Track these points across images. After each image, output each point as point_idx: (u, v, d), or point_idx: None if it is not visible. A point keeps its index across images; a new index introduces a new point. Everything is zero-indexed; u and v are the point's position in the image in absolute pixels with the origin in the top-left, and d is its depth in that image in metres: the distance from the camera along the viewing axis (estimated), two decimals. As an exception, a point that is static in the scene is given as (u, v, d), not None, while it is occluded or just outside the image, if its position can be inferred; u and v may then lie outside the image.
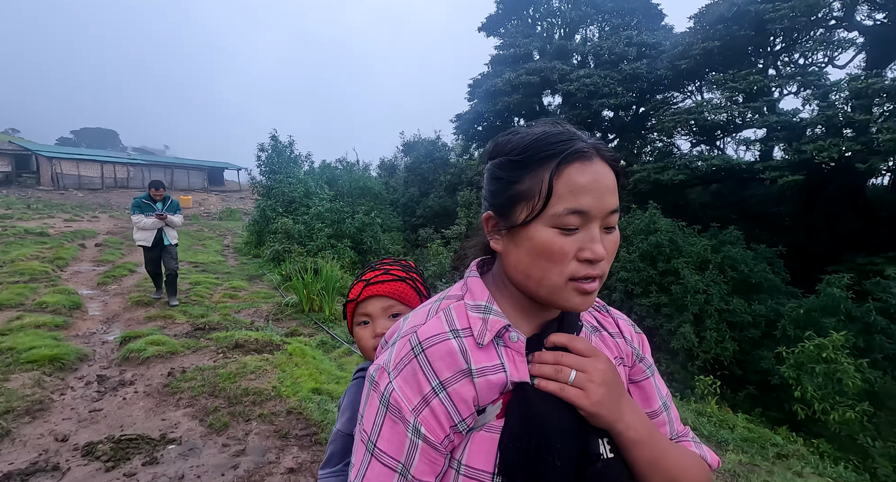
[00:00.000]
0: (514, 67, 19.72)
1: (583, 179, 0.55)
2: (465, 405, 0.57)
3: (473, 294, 0.65)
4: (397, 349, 0.60)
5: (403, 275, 1.01)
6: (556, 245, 0.56)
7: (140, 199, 6.14)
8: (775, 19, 11.16)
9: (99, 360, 4.46)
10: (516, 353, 0.61)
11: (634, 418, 0.61)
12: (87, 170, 34.81)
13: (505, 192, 0.60)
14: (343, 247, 12.23)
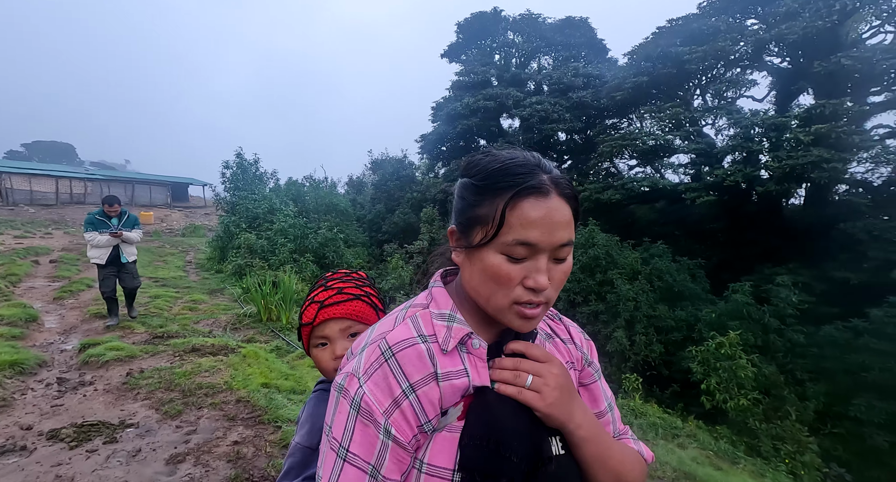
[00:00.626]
0: (473, 93, 20.89)
1: (534, 214, 0.58)
2: (431, 407, 0.60)
3: (438, 303, 0.68)
4: (366, 356, 0.62)
5: (358, 293, 1.00)
6: (504, 271, 0.59)
7: (93, 216, 5.82)
8: (692, 60, 12.64)
9: (58, 365, 4.71)
10: (478, 359, 0.65)
11: (584, 418, 0.65)
12: (41, 185, 33.37)
13: (466, 212, 0.64)
14: (305, 261, 12.58)
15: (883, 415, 7.34)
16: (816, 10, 11.58)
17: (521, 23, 23.06)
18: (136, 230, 6.13)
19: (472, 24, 23.60)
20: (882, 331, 7.81)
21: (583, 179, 16.56)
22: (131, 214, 6.15)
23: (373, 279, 1.09)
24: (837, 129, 9.61)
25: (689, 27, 13.64)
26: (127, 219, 5.99)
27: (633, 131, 13.98)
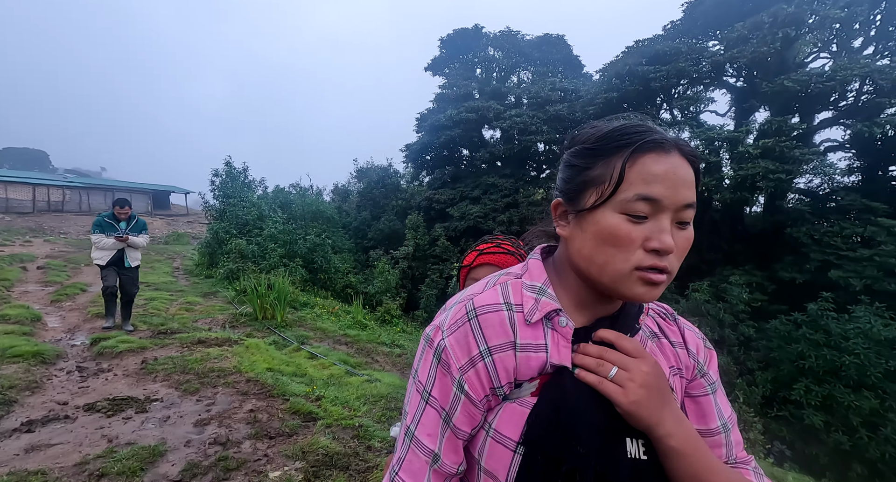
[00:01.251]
0: (456, 105, 21.68)
1: (657, 168, 0.54)
2: (505, 374, 0.59)
3: (532, 274, 0.66)
4: (453, 312, 0.63)
5: (512, 250, 1.09)
6: (623, 231, 0.55)
7: (102, 218, 5.78)
8: (657, 78, 13.64)
9: (74, 357, 5.09)
10: (562, 338, 0.62)
11: (678, 427, 0.59)
12: (16, 192, 32.74)
13: (576, 178, 0.61)
14: (295, 266, 12.97)
15: (818, 397, 8.17)
16: (762, 37, 12.71)
17: (501, 39, 24.08)
18: (143, 235, 6.07)
19: (454, 40, 24.53)
20: (816, 323, 8.70)
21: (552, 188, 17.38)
22: (140, 219, 6.08)
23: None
24: (781, 143, 10.62)
25: (653, 48, 14.71)
26: (136, 223, 5.94)
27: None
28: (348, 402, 4.01)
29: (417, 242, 20.66)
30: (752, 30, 12.68)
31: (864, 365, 7.85)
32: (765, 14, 13.00)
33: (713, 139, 11.83)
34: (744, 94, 15.28)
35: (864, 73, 11.08)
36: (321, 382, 4.55)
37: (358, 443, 3.18)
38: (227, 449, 2.95)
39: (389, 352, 7.51)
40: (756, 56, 12.12)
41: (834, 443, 8.02)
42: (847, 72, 11.22)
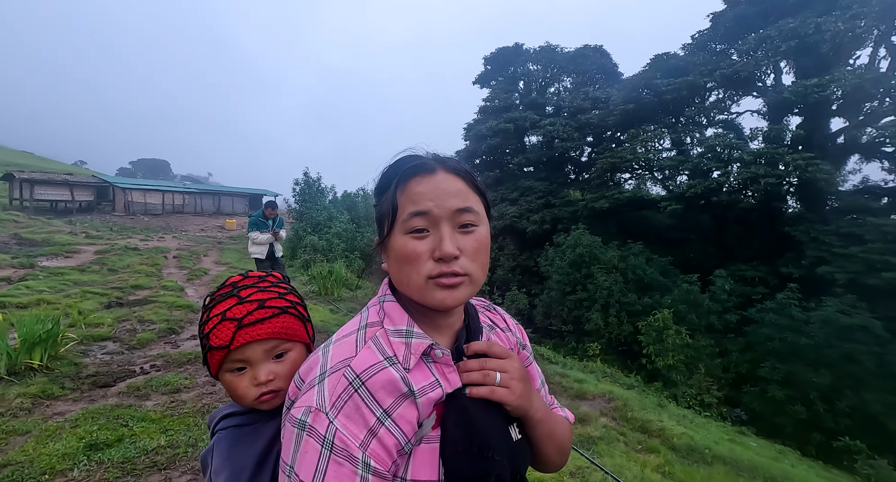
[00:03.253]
0: (497, 116, 23.31)
1: (421, 188, 0.59)
2: (409, 426, 0.56)
3: (392, 319, 0.63)
4: (329, 386, 0.56)
5: (285, 305, 0.78)
6: (410, 247, 0.58)
7: (256, 217, 6.45)
8: (668, 91, 14.40)
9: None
10: (445, 367, 0.62)
11: (539, 401, 0.67)
12: (152, 198, 39.67)
13: (375, 216, 0.66)
14: (354, 257, 15.64)
15: (781, 374, 9.02)
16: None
17: (540, 54, 25.25)
18: (284, 230, 6.81)
19: (497, 57, 26.15)
20: (782, 310, 9.44)
21: (584, 190, 18.47)
22: (280, 217, 6.76)
23: (288, 278, 0.87)
24: (773, 150, 11.15)
25: (668, 62, 15.32)
26: (279, 221, 6.64)
27: (620, 150, 15.85)
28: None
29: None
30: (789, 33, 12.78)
31: (821, 347, 8.60)
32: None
33: (714, 146, 12.46)
34: (775, 98, 15.46)
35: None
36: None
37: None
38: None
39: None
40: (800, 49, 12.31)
41: (794, 414, 8.89)
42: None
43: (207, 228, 35.49)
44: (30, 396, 3.32)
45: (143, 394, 3.63)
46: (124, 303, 7.26)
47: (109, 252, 14.99)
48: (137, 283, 9.52)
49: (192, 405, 3.49)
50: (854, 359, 8.40)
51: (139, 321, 6.12)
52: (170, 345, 5.24)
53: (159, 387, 3.78)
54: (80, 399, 3.44)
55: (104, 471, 2.46)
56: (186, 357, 4.79)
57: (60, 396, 3.45)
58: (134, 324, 5.96)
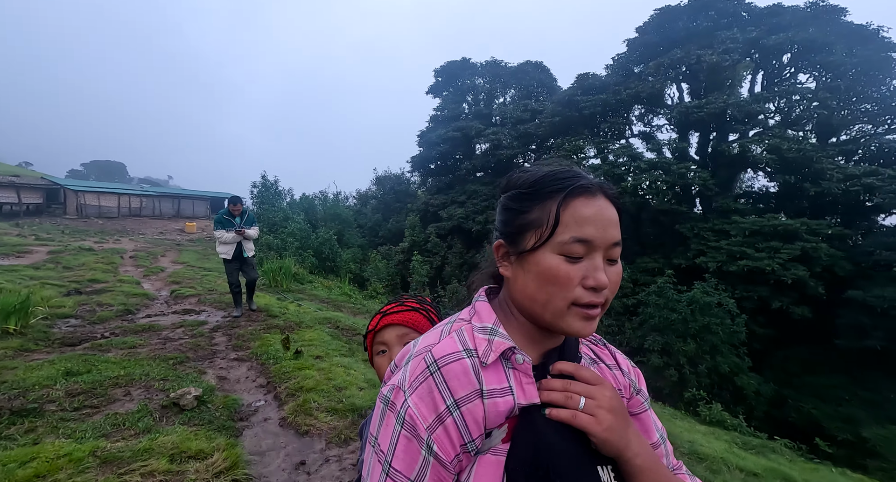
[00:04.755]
0: (446, 125, 24.75)
1: (587, 211, 0.57)
2: (476, 425, 0.56)
3: (481, 316, 0.64)
4: (411, 368, 0.58)
5: (417, 306, 1.02)
6: (563, 271, 0.56)
7: (221, 215, 6.03)
8: (587, 107, 16.24)
9: (163, 298, 8.58)
10: (523, 375, 0.60)
11: (641, 446, 0.60)
12: (107, 201, 38.26)
13: (515, 220, 0.61)
14: (307, 255, 16.46)
15: (659, 345, 10.77)
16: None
17: (486, 68, 26.93)
18: (255, 227, 6.28)
19: (446, 69, 27.61)
20: (661, 292, 11.25)
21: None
22: (250, 213, 6.26)
23: (437, 306, 1.09)
24: (663, 159, 13.12)
25: (588, 82, 17.22)
26: (247, 218, 6.13)
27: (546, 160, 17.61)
28: (302, 315, 7.25)
29: (414, 239, 23.90)
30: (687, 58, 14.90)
31: (687, 321, 10.40)
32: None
33: (621, 155, 14.31)
34: (680, 115, 17.67)
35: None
36: (293, 309, 7.82)
37: (296, 318, 6.39)
38: (234, 322, 6.21)
39: (352, 305, 10.77)
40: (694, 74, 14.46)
41: (669, 377, 10.64)
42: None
43: (166, 232, 34.69)
44: (11, 349, 4.18)
45: (104, 349, 4.54)
46: (83, 292, 7.90)
47: (63, 252, 15.02)
48: (94, 278, 10.00)
49: (146, 354, 4.44)
50: (711, 330, 10.22)
51: (98, 305, 6.85)
52: (127, 321, 6.08)
53: (119, 345, 4.70)
54: (52, 352, 4.32)
55: (78, 386, 3.43)
56: (142, 327, 5.68)
57: (36, 350, 4.32)
58: (93, 306, 6.70)
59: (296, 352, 4.71)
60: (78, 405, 3.13)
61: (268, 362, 4.51)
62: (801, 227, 11.62)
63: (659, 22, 16.73)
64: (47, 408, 3.01)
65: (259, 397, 3.75)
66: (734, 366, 9.97)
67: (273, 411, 3.48)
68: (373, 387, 4.00)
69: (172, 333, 5.52)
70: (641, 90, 14.79)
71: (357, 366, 4.67)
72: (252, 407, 3.52)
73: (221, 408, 3.38)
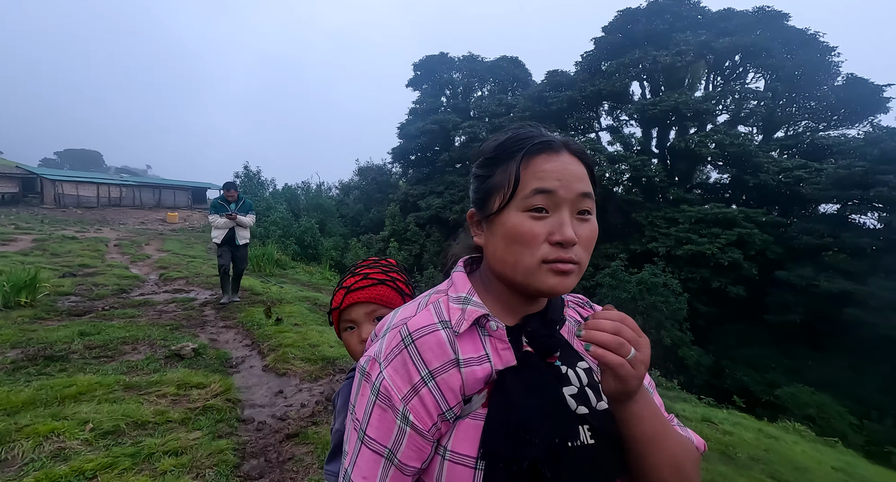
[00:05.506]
0: (424, 118, 25.28)
1: (548, 166, 0.55)
2: (452, 394, 0.55)
3: (456, 287, 0.63)
4: (387, 340, 0.58)
5: (384, 278, 0.94)
6: (526, 227, 0.55)
7: (216, 200, 5.97)
8: (555, 103, 17.06)
9: (153, 280, 9.11)
10: (499, 341, 0.59)
11: (644, 394, 0.57)
12: (85, 190, 37.44)
13: (481, 186, 0.61)
14: (289, 243, 16.97)
15: (610, 320, 11.83)
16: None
17: (464, 63, 27.43)
18: (250, 215, 6.11)
19: (425, 64, 28.00)
20: (614, 274, 12.28)
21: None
22: (247, 200, 6.16)
23: (402, 266, 1.02)
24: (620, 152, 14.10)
25: (558, 79, 18.01)
26: (242, 204, 6.02)
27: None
28: (284, 294, 7.92)
29: (394, 228, 24.55)
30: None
31: (636, 299, 11.45)
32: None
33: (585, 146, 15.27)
34: (637, 111, 18.65)
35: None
36: (275, 289, 8.47)
37: (278, 296, 7.06)
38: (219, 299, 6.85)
39: (332, 287, 11.48)
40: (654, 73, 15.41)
41: (620, 349, 11.72)
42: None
43: (148, 221, 34.28)
44: (27, 317, 4.78)
45: (108, 318, 5.16)
46: (77, 275, 8.37)
47: (48, 240, 15.15)
48: (83, 263, 10.39)
49: (145, 322, 5.09)
50: (657, 307, 11.29)
51: (93, 285, 7.39)
52: (122, 298, 6.66)
53: (120, 315, 5.32)
54: (63, 320, 4.93)
55: (93, 343, 4.09)
56: (138, 303, 6.29)
57: (48, 318, 4.92)
58: (89, 286, 7.23)
59: (277, 320, 5.42)
60: (96, 355, 3.80)
61: (252, 328, 5.21)
62: (738, 214, 12.78)
63: (621, 23, 17.58)
64: (72, 357, 3.68)
65: (245, 352, 4.47)
66: (677, 339, 11.08)
67: (257, 361, 4.21)
68: (342, 348, 4.75)
69: (166, 307, 6.15)
70: (604, 88, 15.67)
71: (331, 332, 5.42)
72: (240, 358, 4.25)
73: (214, 358, 4.09)
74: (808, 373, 11.61)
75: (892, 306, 9.84)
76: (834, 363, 11.62)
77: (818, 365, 11.79)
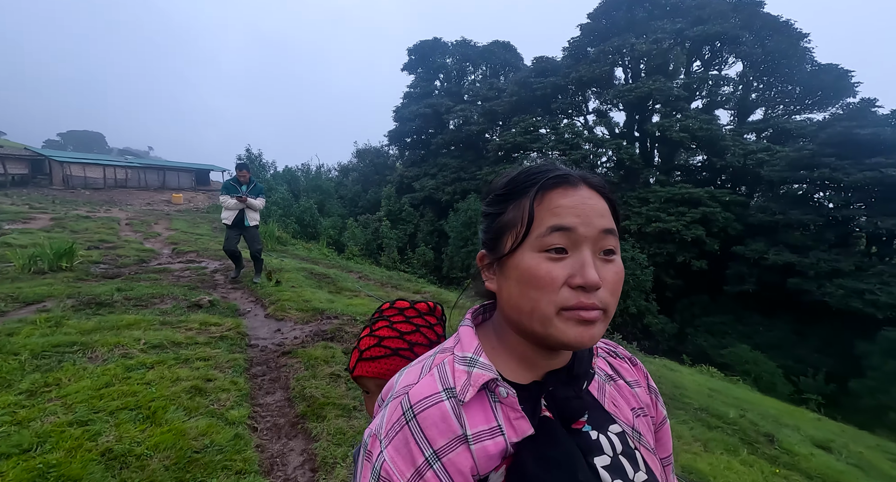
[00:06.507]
0: (418, 102, 25.66)
1: (565, 201, 0.49)
2: (461, 476, 0.48)
3: (462, 345, 0.55)
4: (388, 413, 0.51)
5: (400, 346, 0.79)
6: (543, 269, 0.48)
7: (228, 181, 5.85)
8: (539, 89, 17.55)
9: (167, 253, 10.00)
10: (510, 410, 0.51)
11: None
12: (92, 172, 37.94)
13: (492, 225, 0.55)
14: (290, 222, 17.81)
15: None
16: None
17: (457, 48, 27.55)
18: (261, 198, 6.06)
19: (419, 49, 28.12)
20: None
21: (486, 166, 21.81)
22: (258, 183, 6.08)
23: (440, 315, 0.84)
24: (599, 136, 14.76)
25: (543, 65, 18.41)
26: (254, 187, 5.95)
27: (506, 134, 19.05)
28: (283, 265, 8.82)
29: (389, 209, 25.33)
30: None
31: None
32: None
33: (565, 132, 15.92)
34: (615, 97, 19.15)
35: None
36: (276, 262, 9.37)
37: (279, 266, 7.96)
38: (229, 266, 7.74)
39: (328, 261, 12.39)
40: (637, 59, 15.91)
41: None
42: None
43: (154, 203, 34.93)
44: (70, 278, 5.68)
45: (135, 280, 6.06)
46: (100, 248, 9.26)
47: (64, 219, 15.97)
48: (102, 238, 11.27)
49: (167, 283, 6.00)
50: (626, 280, 12.16)
51: (117, 256, 8.28)
52: (143, 267, 7.56)
53: (145, 278, 6.22)
54: (99, 280, 5.83)
55: (129, 296, 5.00)
56: (158, 270, 7.19)
57: (87, 280, 5.81)
58: (113, 257, 8.13)
59: (276, 282, 6.33)
60: (133, 304, 4.71)
61: (256, 289, 6.12)
62: (704, 194, 13.57)
63: (604, 10, 17.85)
64: (115, 304, 4.60)
65: (251, 306, 5.39)
66: (643, 308, 12.06)
67: (260, 311, 5.14)
68: (331, 303, 5.67)
69: (182, 274, 7.06)
70: (585, 74, 16.16)
71: (322, 292, 6.34)
72: (246, 309, 5.18)
73: (226, 308, 5.01)
74: (759, 338, 12.67)
75: (827, 275, 10.74)
76: (781, 328, 12.65)
77: (767, 330, 12.84)
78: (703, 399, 4.76)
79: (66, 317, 3.83)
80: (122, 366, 2.88)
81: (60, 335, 3.33)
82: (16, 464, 1.86)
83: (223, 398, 2.73)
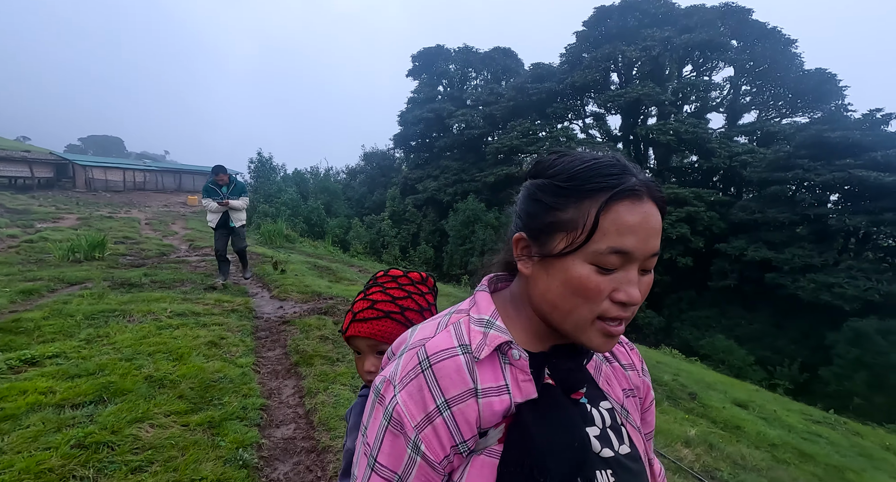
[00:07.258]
0: (422, 107, 26.39)
1: (631, 219, 0.47)
2: (467, 426, 0.50)
3: (479, 307, 0.57)
4: (404, 362, 0.52)
5: (392, 309, 0.82)
6: (593, 283, 0.47)
7: (208, 184, 5.79)
8: (535, 94, 18.12)
9: (183, 248, 10.79)
10: (520, 372, 0.53)
11: None
12: (113, 175, 39.32)
13: (544, 217, 0.51)
14: (298, 221, 18.62)
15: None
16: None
17: (459, 54, 28.23)
18: (243, 198, 5.97)
19: (422, 55, 28.87)
20: None
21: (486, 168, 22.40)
22: (239, 183, 6.01)
23: (432, 285, 0.89)
24: (592, 139, 15.27)
25: (540, 72, 18.98)
26: (234, 187, 5.85)
27: (503, 137, 19.64)
28: (289, 258, 9.54)
29: (394, 209, 26.08)
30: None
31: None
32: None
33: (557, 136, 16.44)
34: (606, 102, 19.66)
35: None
36: (283, 256, 10.10)
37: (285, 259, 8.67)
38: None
39: (332, 257, 13.12)
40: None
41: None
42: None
43: (170, 205, 36.05)
44: (104, 266, 6.44)
45: (159, 268, 6.82)
46: (124, 243, 10.08)
47: (90, 219, 16.96)
48: (126, 236, 12.12)
49: (187, 271, 6.73)
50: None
51: (140, 250, 9.08)
52: (164, 259, 8.33)
53: (166, 268, 6.97)
54: (128, 268, 6.59)
55: (155, 280, 5.73)
56: (177, 261, 7.95)
57: (117, 268, 6.57)
58: (137, 250, 8.93)
59: (282, 271, 7.04)
60: (159, 286, 5.44)
61: (263, 276, 6.83)
62: (689, 194, 14.00)
63: (598, 18, 18.37)
64: (144, 285, 5.33)
65: (258, 290, 6.09)
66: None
67: (266, 293, 5.84)
68: (329, 288, 6.35)
69: (199, 264, 7.80)
70: (578, 80, 16.68)
71: (323, 279, 7.03)
72: (254, 292, 5.88)
73: (237, 290, 5.72)
74: (741, 330, 13.08)
75: (800, 270, 11.13)
76: (761, 321, 13.04)
77: (749, 323, 13.24)
78: (649, 368, 5.32)
79: (106, 293, 4.56)
80: (155, 326, 3.58)
81: (103, 304, 4.05)
82: (86, 381, 2.56)
83: (234, 350, 3.41)
